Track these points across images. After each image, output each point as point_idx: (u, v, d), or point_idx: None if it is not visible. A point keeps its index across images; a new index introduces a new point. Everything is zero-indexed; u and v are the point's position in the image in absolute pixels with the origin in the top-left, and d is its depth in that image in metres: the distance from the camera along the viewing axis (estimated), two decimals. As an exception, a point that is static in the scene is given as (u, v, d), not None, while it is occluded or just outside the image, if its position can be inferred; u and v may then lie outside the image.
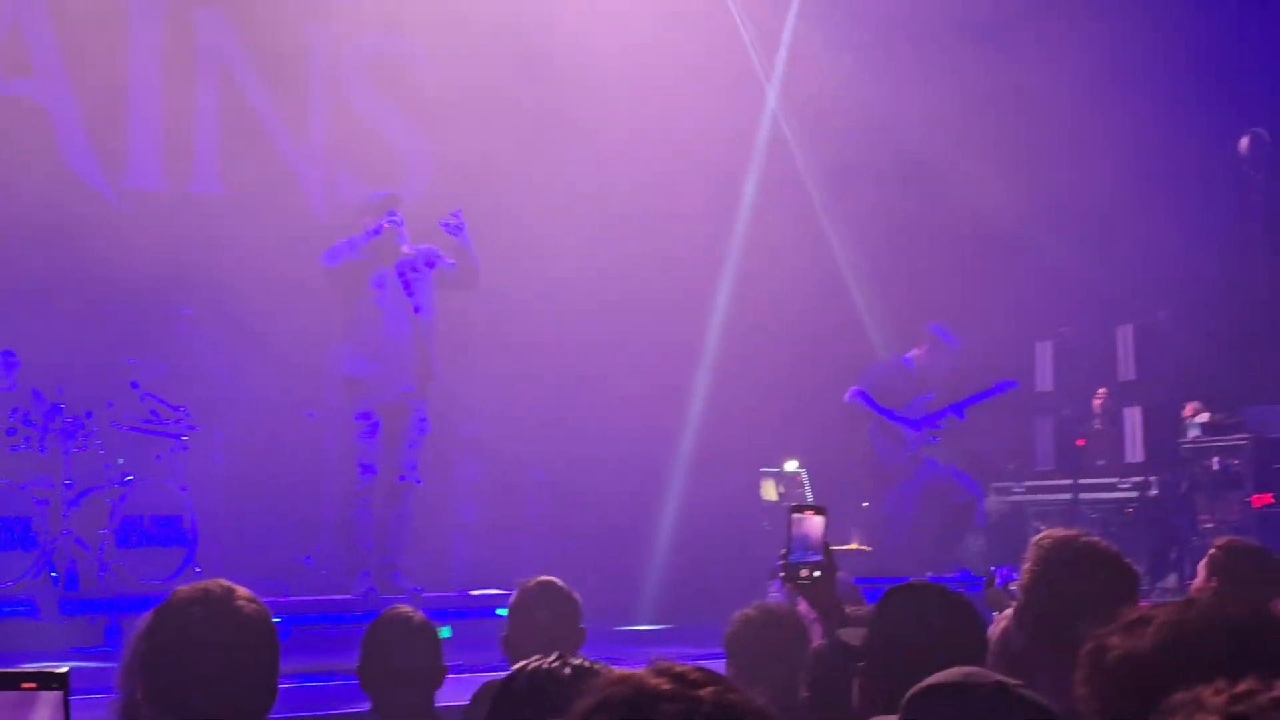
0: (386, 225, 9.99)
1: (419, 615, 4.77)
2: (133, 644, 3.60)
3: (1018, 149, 13.53)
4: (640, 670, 1.65)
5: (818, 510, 4.25)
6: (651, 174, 12.68)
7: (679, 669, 1.64)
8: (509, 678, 2.57)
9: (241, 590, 3.19)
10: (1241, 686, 1.50)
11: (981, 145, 13.50)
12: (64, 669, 2.51)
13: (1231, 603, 2.23)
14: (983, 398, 12.67)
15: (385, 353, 10.01)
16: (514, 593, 5.08)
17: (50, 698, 2.48)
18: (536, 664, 2.52)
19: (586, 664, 2.50)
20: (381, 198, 10.36)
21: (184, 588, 3.21)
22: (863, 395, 12.23)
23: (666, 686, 1.60)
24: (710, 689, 1.61)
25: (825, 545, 4.24)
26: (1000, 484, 13.79)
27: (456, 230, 10.20)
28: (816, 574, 4.22)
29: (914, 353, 12.50)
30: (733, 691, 1.62)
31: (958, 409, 12.41)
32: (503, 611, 9.44)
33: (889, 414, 12.17)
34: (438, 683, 4.65)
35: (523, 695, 2.48)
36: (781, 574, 4.25)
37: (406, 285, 10.10)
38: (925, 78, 13.46)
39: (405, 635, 4.66)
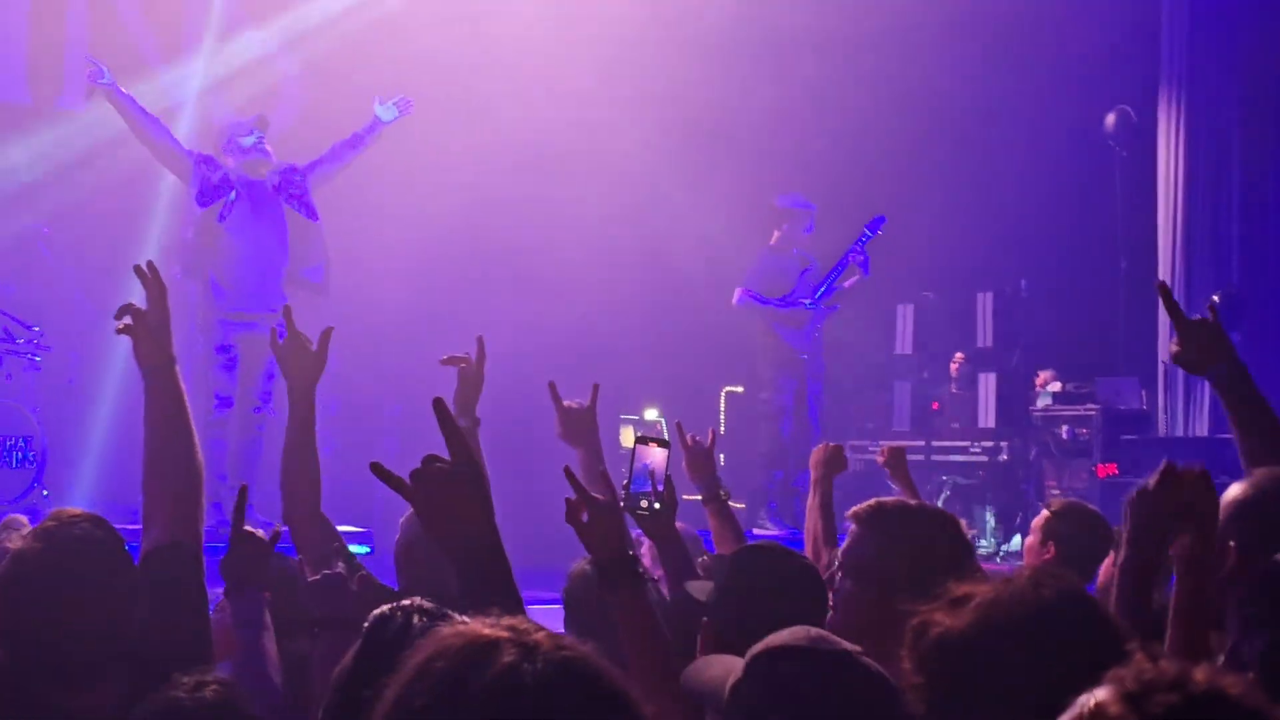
0: (248, 151, 9.93)
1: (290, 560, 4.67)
2: None
3: (884, 113, 13.65)
4: (473, 622, 1.67)
5: (661, 443, 4.26)
6: (515, 104, 12.64)
7: (510, 621, 1.67)
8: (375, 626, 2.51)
9: (113, 537, 3.18)
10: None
11: (844, 107, 13.60)
12: None
13: (1045, 583, 2.29)
14: (862, 242, 12.37)
15: (242, 287, 9.91)
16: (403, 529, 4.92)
17: None
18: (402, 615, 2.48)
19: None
20: (254, 119, 10.21)
21: (53, 524, 3.18)
22: (750, 295, 11.92)
23: (503, 634, 1.63)
24: (544, 635, 1.64)
25: (667, 479, 4.26)
26: (857, 442, 13.97)
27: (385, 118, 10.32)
28: (656, 505, 4.24)
29: (774, 235, 12.10)
30: (566, 638, 1.66)
31: (842, 262, 12.14)
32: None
33: (779, 303, 11.90)
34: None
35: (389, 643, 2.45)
36: (621, 503, 4.24)
37: (263, 215, 10.01)
38: (791, 35, 13.55)
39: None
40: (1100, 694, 1.48)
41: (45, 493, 10.23)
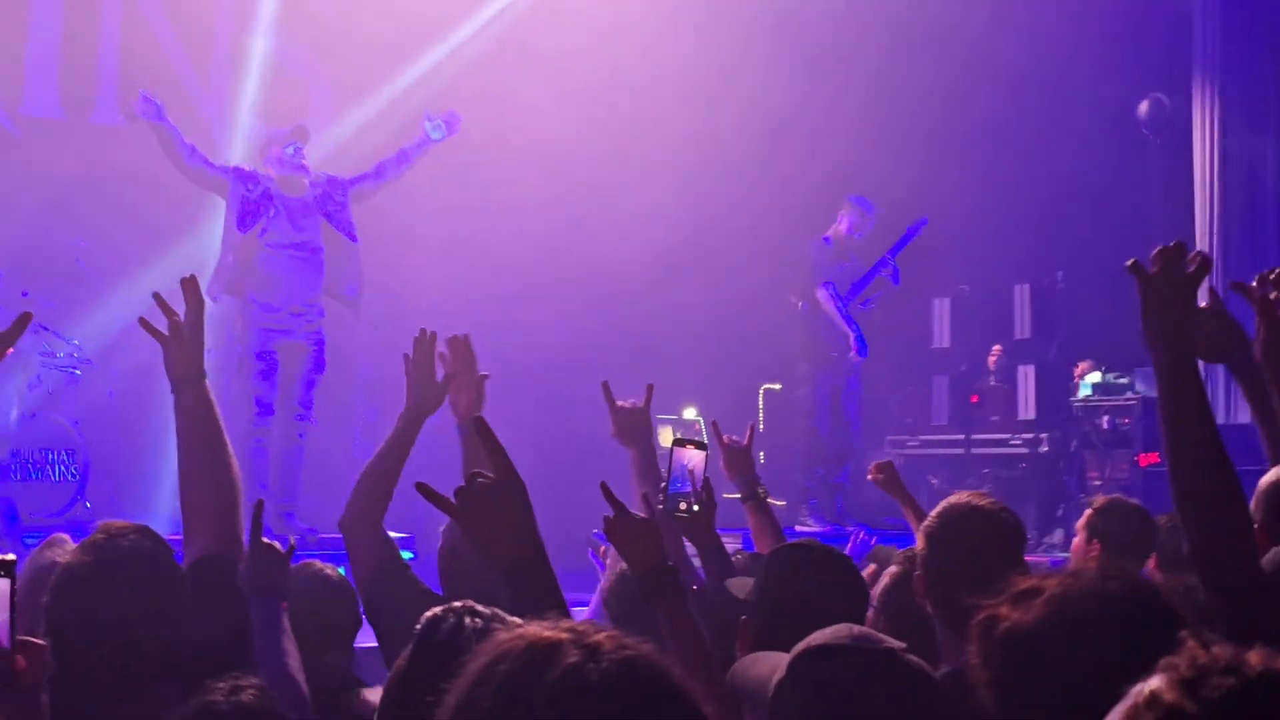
0: (277, 164, 10.01)
1: (334, 570, 4.69)
2: (31, 583, 3.56)
3: (917, 107, 13.61)
4: (531, 626, 1.67)
5: (699, 445, 4.30)
6: (552, 107, 12.66)
7: (568, 622, 1.68)
8: (427, 629, 2.51)
9: (164, 553, 3.20)
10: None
11: (881, 102, 13.57)
12: (10, 557, 2.49)
13: (1113, 576, 2.30)
14: (903, 244, 12.48)
15: (278, 301, 9.99)
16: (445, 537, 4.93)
17: None
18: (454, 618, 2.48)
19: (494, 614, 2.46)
20: (287, 131, 10.29)
21: (102, 537, 3.20)
22: (834, 293, 11.94)
23: (564, 636, 1.63)
24: (605, 636, 1.65)
25: (706, 480, 4.29)
26: (896, 437, 13.94)
27: (434, 137, 10.33)
28: (695, 508, 4.26)
29: (832, 229, 12.24)
30: (627, 638, 1.66)
31: (882, 262, 12.26)
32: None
33: (847, 319, 11.93)
34: (355, 635, 4.60)
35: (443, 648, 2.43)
36: (660, 505, 4.29)
37: (302, 230, 10.07)
38: (828, 32, 13.53)
39: (323, 592, 4.58)
40: (1154, 682, 1.48)
41: (88, 505, 10.29)
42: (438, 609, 2.48)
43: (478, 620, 2.41)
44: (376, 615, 4.06)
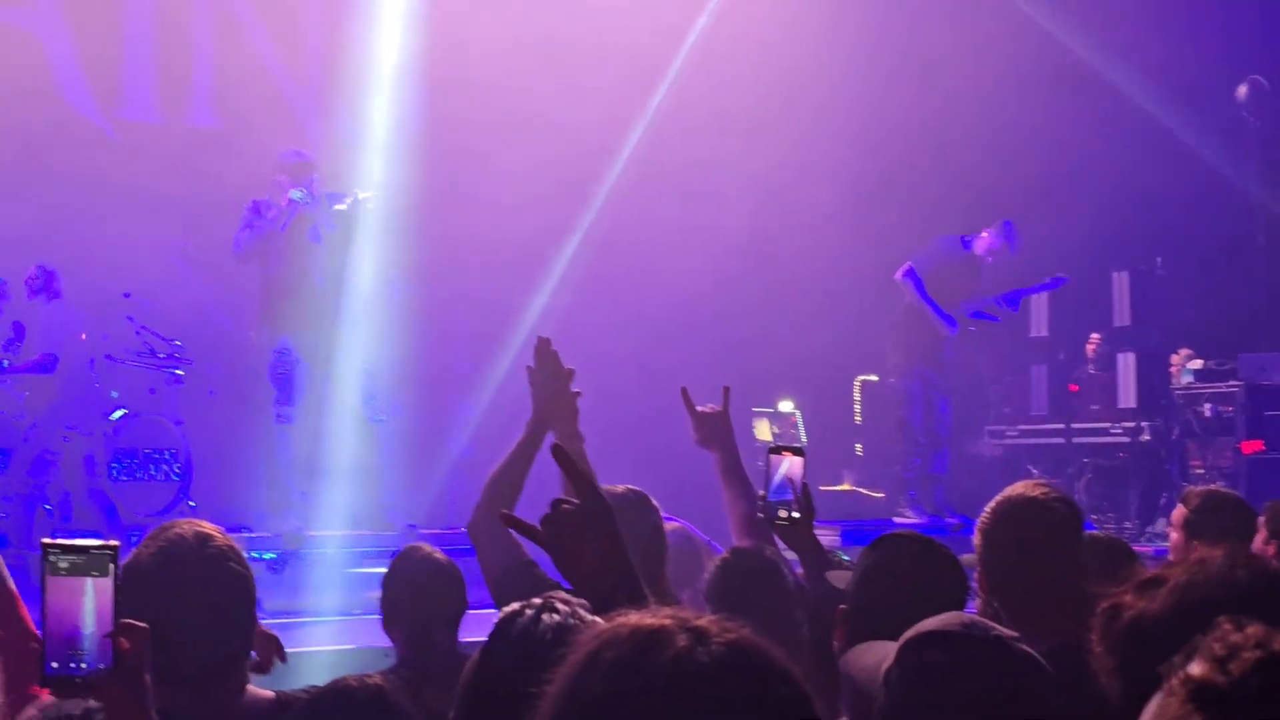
0: (287, 206, 10.08)
1: (441, 554, 4.79)
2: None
3: (1020, 94, 13.49)
4: (630, 614, 1.68)
5: (796, 452, 4.31)
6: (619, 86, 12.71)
7: (667, 609, 1.69)
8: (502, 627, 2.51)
9: (219, 540, 3.20)
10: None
11: (984, 92, 13.47)
12: (115, 542, 2.52)
13: (1241, 565, 2.30)
14: (1036, 290, 12.47)
15: (290, 324, 10.17)
16: None
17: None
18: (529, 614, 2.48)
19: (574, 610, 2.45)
20: (296, 162, 10.35)
21: (157, 531, 3.22)
22: (914, 277, 11.86)
23: (667, 622, 1.65)
24: (709, 621, 1.66)
25: (804, 487, 4.28)
26: (995, 428, 13.84)
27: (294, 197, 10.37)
28: (795, 514, 4.27)
29: (975, 239, 12.04)
30: (728, 623, 1.67)
31: (1011, 300, 12.21)
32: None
33: (934, 306, 11.83)
34: (461, 616, 4.71)
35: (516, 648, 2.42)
36: (760, 514, 4.30)
37: (313, 252, 10.24)
38: (927, 15, 13.46)
39: (432, 574, 4.69)
40: (1191, 665, 1.53)
41: (192, 504, 10.41)
42: (516, 604, 2.49)
43: (555, 616, 2.42)
44: None
